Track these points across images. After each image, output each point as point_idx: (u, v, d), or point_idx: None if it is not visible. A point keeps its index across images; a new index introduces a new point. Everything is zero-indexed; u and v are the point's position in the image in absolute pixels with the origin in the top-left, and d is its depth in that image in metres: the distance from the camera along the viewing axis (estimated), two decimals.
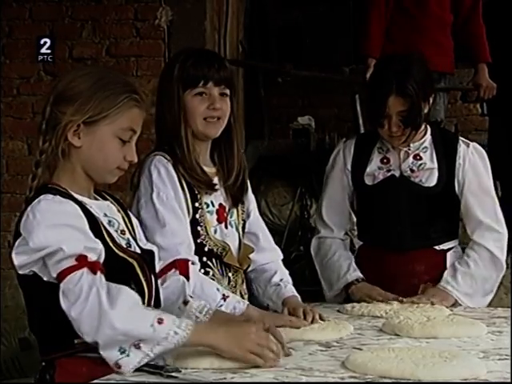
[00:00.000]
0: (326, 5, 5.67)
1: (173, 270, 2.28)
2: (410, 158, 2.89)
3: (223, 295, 2.33)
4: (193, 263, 2.35)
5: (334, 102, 5.95)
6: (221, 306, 2.31)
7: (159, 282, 2.17)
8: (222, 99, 2.44)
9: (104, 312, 1.82)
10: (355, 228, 3.08)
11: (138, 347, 1.83)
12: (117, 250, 2.00)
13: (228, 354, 1.85)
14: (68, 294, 1.85)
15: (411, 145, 2.88)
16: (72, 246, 1.87)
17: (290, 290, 2.59)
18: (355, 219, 3.08)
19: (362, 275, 2.88)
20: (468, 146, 2.91)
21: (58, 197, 1.94)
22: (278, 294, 2.57)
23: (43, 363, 1.97)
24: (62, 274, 1.87)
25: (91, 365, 1.91)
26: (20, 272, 1.91)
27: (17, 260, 1.90)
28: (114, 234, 2.03)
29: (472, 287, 2.83)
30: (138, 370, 1.83)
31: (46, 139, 2.00)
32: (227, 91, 2.45)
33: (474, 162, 2.89)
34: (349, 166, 2.96)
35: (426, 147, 2.90)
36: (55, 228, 1.89)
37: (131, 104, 2.01)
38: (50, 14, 4.57)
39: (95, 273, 1.87)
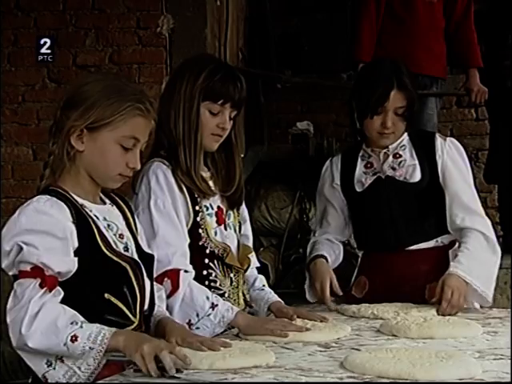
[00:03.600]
0: (324, 13, 5.67)
1: (165, 279, 2.33)
2: (390, 158, 2.93)
3: (212, 304, 2.34)
4: (186, 271, 2.37)
5: (332, 107, 5.96)
6: (209, 315, 2.33)
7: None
8: (229, 121, 2.48)
9: (20, 335, 1.87)
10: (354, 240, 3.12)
11: (61, 361, 1.89)
12: (110, 254, 2.01)
13: (128, 356, 1.87)
14: (14, 296, 1.90)
15: (389, 146, 2.94)
16: (31, 253, 1.91)
17: (274, 295, 2.62)
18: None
19: (322, 253, 2.89)
20: (445, 140, 2.96)
21: (53, 199, 1.98)
22: (263, 298, 2.60)
23: None
24: (19, 274, 1.92)
25: None
26: (10, 273, 1.96)
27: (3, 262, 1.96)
28: (111, 238, 2.05)
29: (478, 268, 2.80)
30: (140, 370, 1.85)
31: (55, 141, 2.05)
32: (235, 114, 2.49)
33: (451, 155, 2.93)
34: (337, 181, 3.01)
35: (404, 145, 2.94)
36: (30, 232, 1.93)
37: (134, 113, 2.02)
38: (54, 23, 4.59)
39: (42, 287, 1.90)
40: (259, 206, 4.91)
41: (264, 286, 2.68)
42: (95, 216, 2.05)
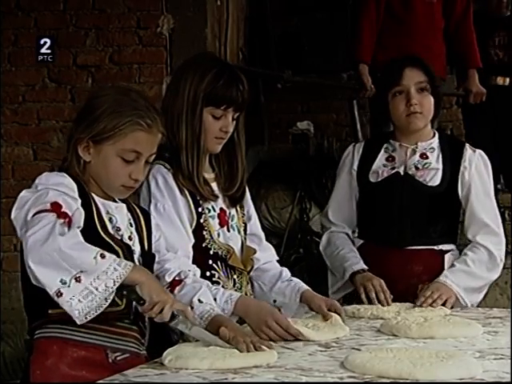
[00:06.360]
0: (324, 12, 5.68)
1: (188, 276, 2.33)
2: (417, 156, 2.95)
3: None
4: (188, 271, 2.34)
5: (332, 107, 5.98)
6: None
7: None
8: (232, 122, 2.45)
9: (53, 236, 1.92)
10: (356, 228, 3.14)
11: (78, 280, 1.91)
12: (104, 235, 2.10)
13: (145, 293, 1.98)
14: (30, 224, 1.96)
15: (419, 143, 2.95)
16: (53, 194, 2.02)
17: (303, 285, 2.59)
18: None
19: (365, 266, 2.90)
20: (474, 151, 2.97)
21: (63, 174, 2.10)
22: (293, 289, 2.57)
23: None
24: (36, 213, 1.98)
25: (62, 344, 2.04)
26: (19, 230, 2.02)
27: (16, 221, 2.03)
28: (109, 226, 2.14)
29: (469, 284, 2.86)
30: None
31: (68, 149, 2.17)
32: (237, 115, 2.46)
33: (479, 168, 2.95)
34: (355, 167, 3.02)
35: (433, 148, 2.97)
36: (46, 184, 2.05)
37: (134, 128, 2.11)
38: (54, 23, 4.61)
39: (59, 218, 1.98)
40: (259, 206, 4.91)
41: (291, 276, 2.66)
42: (97, 204, 2.14)
